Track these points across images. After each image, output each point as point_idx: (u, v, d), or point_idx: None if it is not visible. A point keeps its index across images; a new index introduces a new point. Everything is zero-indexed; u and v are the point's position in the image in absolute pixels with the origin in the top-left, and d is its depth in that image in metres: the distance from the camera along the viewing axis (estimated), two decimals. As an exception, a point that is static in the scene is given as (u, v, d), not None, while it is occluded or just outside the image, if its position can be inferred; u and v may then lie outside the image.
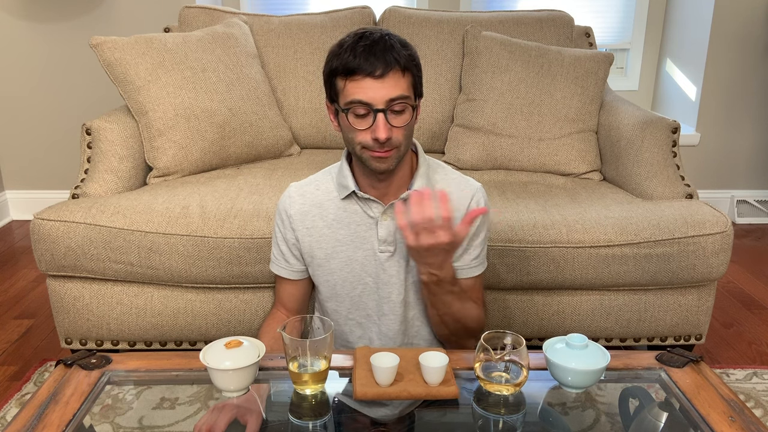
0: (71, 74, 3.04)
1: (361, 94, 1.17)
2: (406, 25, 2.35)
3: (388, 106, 1.18)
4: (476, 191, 1.35)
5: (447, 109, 2.30)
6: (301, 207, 1.36)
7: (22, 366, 1.97)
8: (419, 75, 1.24)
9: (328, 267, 1.36)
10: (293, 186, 1.39)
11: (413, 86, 1.22)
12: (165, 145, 1.97)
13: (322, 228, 1.35)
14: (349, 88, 1.18)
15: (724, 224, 1.75)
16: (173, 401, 1.15)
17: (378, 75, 1.16)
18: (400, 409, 1.13)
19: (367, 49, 1.16)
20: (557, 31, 2.36)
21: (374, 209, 1.31)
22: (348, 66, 1.17)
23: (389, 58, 1.16)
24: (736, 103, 3.15)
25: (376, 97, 1.17)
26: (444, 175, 1.37)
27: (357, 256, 1.34)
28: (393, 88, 1.17)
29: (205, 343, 1.79)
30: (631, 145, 2.00)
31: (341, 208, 1.33)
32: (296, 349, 1.10)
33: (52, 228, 1.70)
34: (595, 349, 1.14)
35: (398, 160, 1.24)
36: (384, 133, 1.17)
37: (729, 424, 1.03)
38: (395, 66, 1.17)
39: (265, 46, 2.32)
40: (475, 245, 1.37)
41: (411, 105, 1.21)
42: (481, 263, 1.40)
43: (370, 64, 1.16)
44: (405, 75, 1.19)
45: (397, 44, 1.19)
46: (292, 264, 1.40)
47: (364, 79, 1.17)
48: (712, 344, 2.12)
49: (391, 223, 1.31)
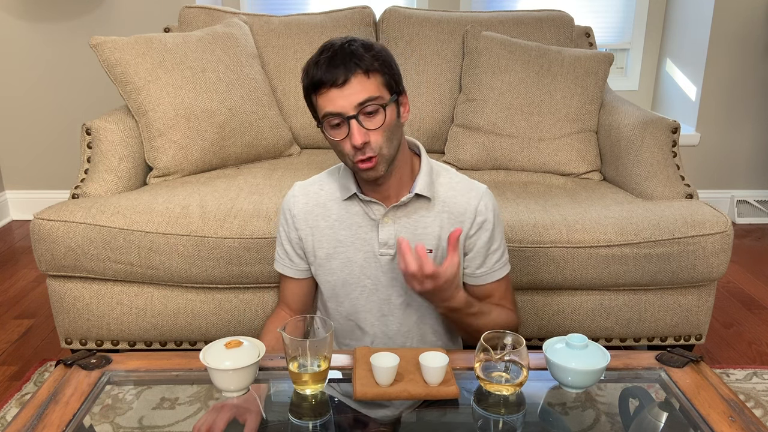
0: (71, 74, 3.04)
1: (329, 105, 1.19)
2: (406, 25, 2.35)
3: (358, 111, 1.17)
4: (483, 195, 1.34)
5: (447, 109, 2.30)
6: (304, 206, 1.36)
7: (22, 366, 1.97)
8: (391, 72, 1.22)
9: (328, 267, 1.36)
10: (297, 185, 1.39)
11: (386, 85, 1.21)
12: (165, 145, 1.97)
13: (324, 228, 1.35)
14: (320, 103, 1.20)
15: (724, 224, 1.75)
16: (173, 401, 1.15)
17: (341, 83, 1.17)
18: (400, 409, 1.13)
19: (328, 60, 1.18)
20: (557, 31, 2.36)
21: (376, 211, 1.31)
22: (314, 81, 1.19)
23: (349, 64, 1.17)
24: (736, 103, 3.15)
25: (344, 105, 1.18)
26: (448, 178, 1.35)
27: (357, 258, 1.33)
28: (359, 93, 1.17)
29: (205, 343, 1.79)
30: (631, 145, 2.00)
31: (344, 208, 1.33)
32: (296, 349, 1.10)
33: (52, 228, 1.70)
34: (595, 349, 1.14)
35: (387, 166, 1.23)
36: (359, 138, 1.17)
37: (729, 424, 1.03)
38: (356, 70, 1.17)
39: (265, 46, 2.32)
40: (493, 250, 1.35)
41: (382, 105, 1.19)
42: (503, 266, 1.39)
43: (331, 75, 1.17)
44: (371, 77, 1.19)
45: (358, 49, 1.19)
46: (296, 263, 1.40)
47: (329, 90, 1.18)
48: (712, 344, 2.12)
49: (393, 226, 1.31)
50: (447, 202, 1.32)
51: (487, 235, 1.34)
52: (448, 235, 1.22)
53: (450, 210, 1.32)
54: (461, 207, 1.32)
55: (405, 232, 1.31)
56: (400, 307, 1.35)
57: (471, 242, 1.34)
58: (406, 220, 1.31)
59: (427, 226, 1.31)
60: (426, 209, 1.31)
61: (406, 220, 1.31)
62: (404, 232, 1.31)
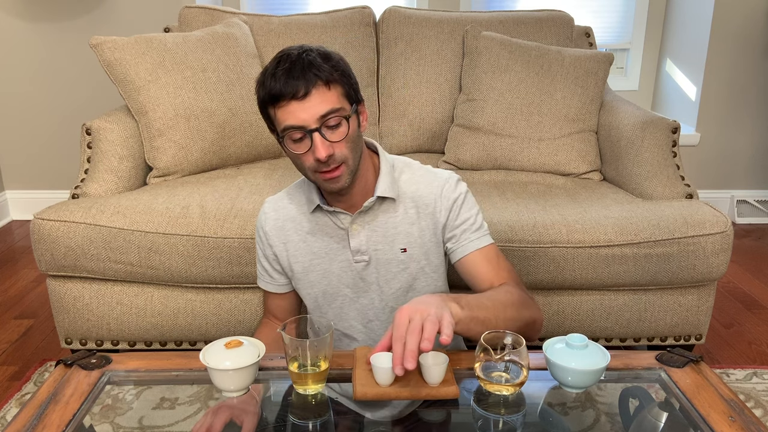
0: (71, 74, 3.04)
1: (290, 118, 1.15)
2: (406, 25, 2.35)
3: (320, 124, 1.15)
4: (446, 180, 1.30)
5: (447, 109, 2.30)
6: (275, 222, 1.34)
7: (22, 366, 1.97)
8: (350, 82, 1.20)
9: (307, 280, 1.35)
10: (268, 201, 1.37)
11: (345, 95, 1.18)
12: (165, 145, 1.97)
13: (297, 242, 1.33)
14: (279, 116, 1.16)
15: (724, 224, 1.75)
16: (173, 401, 1.15)
17: (301, 96, 1.14)
18: (400, 409, 1.13)
19: (286, 72, 1.14)
20: (557, 31, 2.36)
21: (343, 220, 1.29)
22: (272, 93, 1.15)
23: (309, 75, 1.14)
24: (736, 103, 3.15)
25: (306, 119, 1.14)
26: (411, 174, 1.32)
27: (333, 269, 1.32)
28: (320, 105, 1.14)
29: (205, 343, 1.79)
30: (631, 145, 2.00)
31: (313, 220, 1.32)
32: (296, 349, 1.10)
33: (52, 228, 1.69)
34: (595, 349, 1.14)
35: (351, 176, 1.21)
36: (324, 151, 1.15)
37: (729, 424, 1.03)
38: (317, 81, 1.14)
39: (265, 46, 2.32)
40: (466, 222, 1.30)
41: (345, 116, 1.17)
42: (483, 236, 1.31)
43: (291, 87, 1.13)
44: (331, 88, 1.16)
45: (316, 59, 1.16)
46: (276, 279, 1.40)
47: (289, 103, 1.14)
48: (712, 344, 2.12)
49: (362, 232, 1.29)
50: (413, 197, 1.30)
51: (457, 212, 1.30)
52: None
53: (417, 204, 1.30)
54: (427, 198, 1.30)
55: (375, 235, 1.29)
56: (384, 310, 1.34)
57: (449, 225, 1.30)
58: (374, 223, 1.29)
59: (397, 225, 1.30)
60: (392, 209, 1.29)
61: (375, 224, 1.29)
62: (375, 235, 1.29)
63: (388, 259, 1.31)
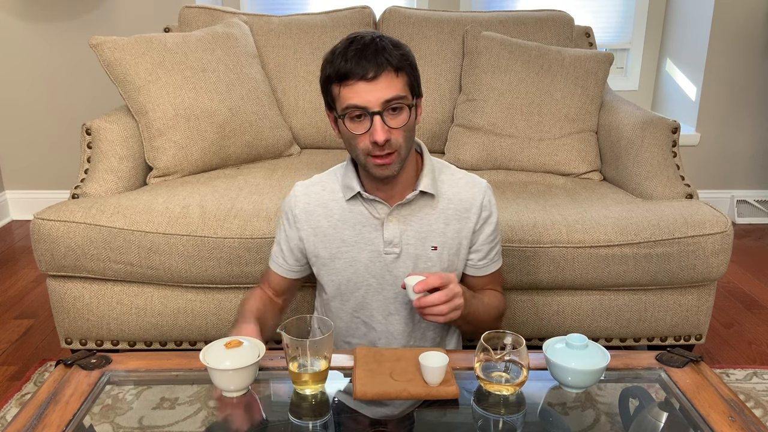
0: (71, 74, 3.04)
1: (355, 98, 1.17)
2: (406, 25, 2.35)
3: (383, 108, 1.17)
4: (485, 190, 1.37)
5: (447, 109, 2.30)
6: (305, 206, 1.36)
7: (22, 366, 1.97)
8: (415, 74, 1.23)
9: (332, 267, 1.36)
10: (299, 185, 1.39)
11: (409, 86, 1.21)
12: (165, 145, 1.97)
13: (326, 228, 1.35)
14: (344, 94, 1.19)
15: (724, 224, 1.75)
16: (173, 401, 1.15)
17: (371, 77, 1.16)
18: (400, 409, 1.13)
19: (358, 52, 1.16)
20: (557, 31, 2.36)
21: (380, 210, 1.31)
22: (340, 71, 1.17)
23: (380, 59, 1.16)
24: (736, 103, 3.15)
25: (371, 100, 1.17)
26: (450, 175, 1.37)
27: (361, 257, 1.34)
28: (387, 89, 1.17)
29: (205, 343, 1.79)
30: (631, 145, 2.00)
31: (346, 209, 1.33)
32: (296, 349, 1.10)
33: (52, 228, 1.70)
34: (595, 349, 1.14)
35: (401, 165, 1.24)
36: (382, 135, 1.17)
37: (729, 424, 1.03)
38: (387, 67, 1.17)
39: (265, 46, 2.32)
40: (495, 243, 1.40)
41: (408, 105, 1.20)
42: (500, 258, 1.44)
43: (361, 68, 1.16)
44: (399, 75, 1.19)
45: (388, 45, 1.19)
46: (290, 264, 1.41)
47: (357, 83, 1.17)
48: (712, 344, 2.12)
49: (398, 224, 1.31)
50: (452, 199, 1.34)
51: (491, 229, 1.37)
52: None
53: (455, 206, 1.34)
54: (466, 203, 1.34)
55: (410, 230, 1.31)
56: (406, 306, 1.35)
57: (476, 236, 1.36)
58: (410, 218, 1.32)
59: (432, 223, 1.32)
60: (430, 207, 1.32)
61: (411, 218, 1.32)
62: (409, 230, 1.31)
63: (418, 254, 1.33)
